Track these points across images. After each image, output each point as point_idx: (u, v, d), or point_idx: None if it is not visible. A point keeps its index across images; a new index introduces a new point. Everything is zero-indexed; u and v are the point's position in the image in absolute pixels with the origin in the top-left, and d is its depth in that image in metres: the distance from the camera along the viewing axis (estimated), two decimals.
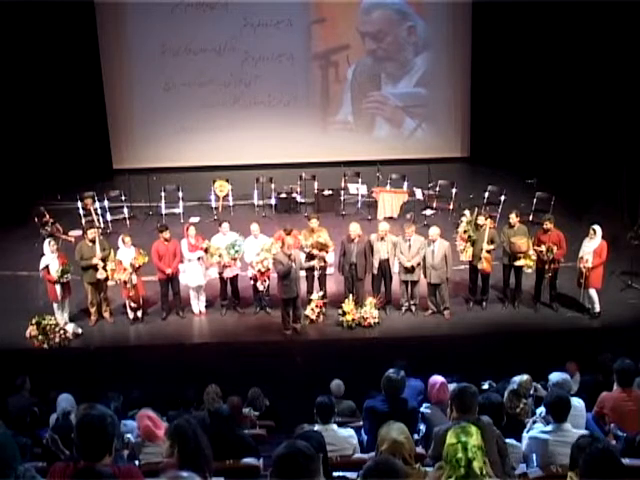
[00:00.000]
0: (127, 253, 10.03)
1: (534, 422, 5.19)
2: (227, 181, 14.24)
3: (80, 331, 10.09)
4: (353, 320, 9.90)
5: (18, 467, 3.32)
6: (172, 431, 4.17)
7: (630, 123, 12.98)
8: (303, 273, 10.26)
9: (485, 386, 5.86)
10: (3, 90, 14.38)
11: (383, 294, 10.38)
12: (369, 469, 3.21)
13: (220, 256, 10.04)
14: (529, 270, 10.01)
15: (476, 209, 10.49)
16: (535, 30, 14.70)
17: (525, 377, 5.96)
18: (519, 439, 5.08)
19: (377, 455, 4.01)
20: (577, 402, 5.51)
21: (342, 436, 5.24)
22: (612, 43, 13.23)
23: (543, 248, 9.74)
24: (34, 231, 12.57)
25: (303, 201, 14.25)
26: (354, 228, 10.07)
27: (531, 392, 6.16)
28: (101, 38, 15.61)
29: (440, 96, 16.34)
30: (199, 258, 10.25)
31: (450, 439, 3.47)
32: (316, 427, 5.14)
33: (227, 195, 14.18)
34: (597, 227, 9.74)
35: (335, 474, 4.37)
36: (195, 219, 12.89)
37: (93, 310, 10.32)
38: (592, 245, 9.70)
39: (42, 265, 9.90)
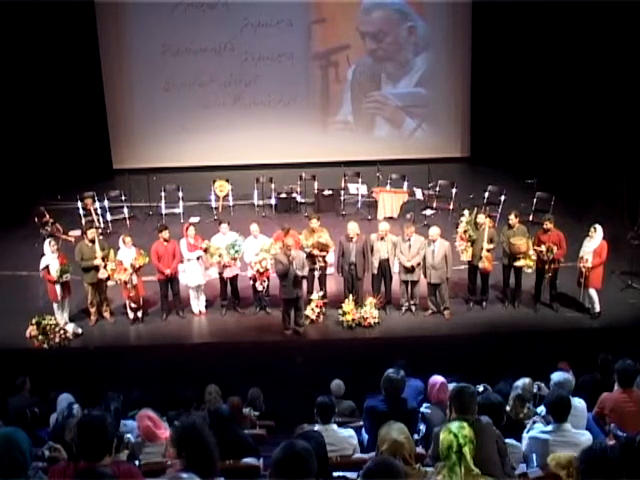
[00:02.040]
0: (127, 253, 10.02)
1: (534, 422, 5.17)
2: (227, 181, 14.25)
3: (80, 331, 10.09)
4: (353, 320, 9.90)
5: (29, 468, 3.32)
6: (177, 439, 4.02)
7: (630, 123, 12.98)
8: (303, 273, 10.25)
9: (480, 389, 5.84)
10: (3, 90, 14.38)
11: (383, 294, 10.37)
12: (369, 470, 3.22)
13: (220, 256, 10.04)
14: (529, 270, 10.01)
15: (475, 208, 10.50)
16: (535, 30, 14.70)
17: (527, 380, 5.94)
18: (519, 439, 5.08)
19: (377, 455, 4.01)
20: (578, 402, 5.50)
21: (342, 436, 5.24)
22: (612, 43, 13.23)
23: (543, 248, 9.73)
24: (34, 231, 12.59)
25: (303, 201, 14.26)
26: (352, 227, 10.06)
27: (534, 390, 6.15)
28: (101, 38, 15.63)
29: (440, 96, 16.35)
30: (198, 258, 10.25)
31: (444, 433, 3.67)
32: (316, 427, 5.14)
33: (227, 195, 14.19)
34: (597, 227, 9.74)
35: (335, 474, 4.37)
36: (195, 219, 12.90)
37: (93, 310, 10.32)
38: (592, 245, 9.70)
39: (42, 265, 9.90)
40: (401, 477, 3.21)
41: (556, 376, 5.99)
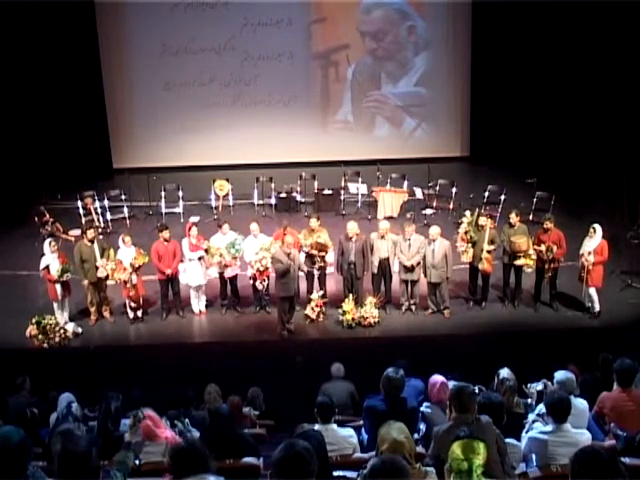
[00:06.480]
0: (127, 253, 10.03)
1: (534, 421, 5.17)
2: (227, 181, 14.25)
3: (80, 331, 10.10)
4: (353, 319, 9.90)
5: (29, 466, 3.29)
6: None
7: (630, 123, 12.98)
8: (302, 273, 10.26)
9: (475, 390, 5.85)
10: (3, 90, 14.38)
11: (383, 293, 10.37)
12: (375, 468, 3.18)
13: (221, 256, 10.03)
14: (529, 270, 10.01)
15: (477, 210, 10.49)
16: (535, 30, 14.70)
17: (506, 369, 5.96)
18: (519, 439, 5.07)
19: (377, 455, 4.00)
20: (580, 403, 5.49)
21: (342, 436, 5.23)
22: (612, 43, 13.23)
23: (543, 248, 9.73)
24: (34, 231, 12.59)
25: (303, 201, 14.26)
26: (352, 227, 10.06)
27: (540, 388, 6.14)
28: (101, 38, 15.62)
29: (440, 96, 16.34)
30: (200, 258, 10.25)
31: (457, 451, 3.50)
32: (316, 427, 5.13)
33: (227, 195, 14.19)
34: (597, 226, 9.74)
35: (335, 474, 4.36)
36: (195, 219, 12.89)
37: (93, 310, 10.33)
38: (592, 244, 9.70)
39: (42, 265, 9.91)
40: (407, 476, 3.18)
41: (559, 375, 5.98)
